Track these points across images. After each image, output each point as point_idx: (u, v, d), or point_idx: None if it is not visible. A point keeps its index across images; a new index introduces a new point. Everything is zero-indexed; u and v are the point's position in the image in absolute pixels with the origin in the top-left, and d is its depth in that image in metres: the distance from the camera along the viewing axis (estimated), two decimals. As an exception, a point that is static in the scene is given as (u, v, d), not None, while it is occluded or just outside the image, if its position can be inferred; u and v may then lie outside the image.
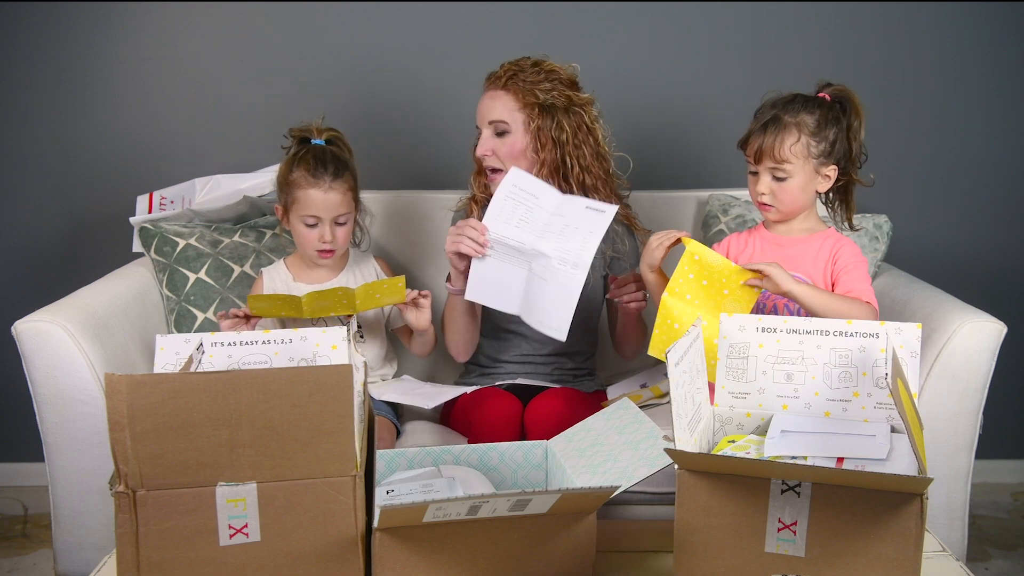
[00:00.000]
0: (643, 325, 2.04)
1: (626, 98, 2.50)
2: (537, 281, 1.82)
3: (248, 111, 2.51)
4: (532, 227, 1.81)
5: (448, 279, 1.95)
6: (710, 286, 1.66)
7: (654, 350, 1.68)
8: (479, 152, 1.97)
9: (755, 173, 1.73)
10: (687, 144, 2.52)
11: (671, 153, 2.53)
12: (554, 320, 1.81)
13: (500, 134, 1.95)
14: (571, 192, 1.95)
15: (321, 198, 1.94)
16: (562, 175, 1.96)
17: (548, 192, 1.84)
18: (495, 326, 2.06)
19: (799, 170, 1.68)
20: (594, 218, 1.78)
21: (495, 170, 1.97)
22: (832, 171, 1.71)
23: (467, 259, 1.85)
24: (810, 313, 1.64)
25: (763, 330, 1.51)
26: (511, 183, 1.84)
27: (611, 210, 1.78)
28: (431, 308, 1.97)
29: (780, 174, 1.69)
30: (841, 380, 1.48)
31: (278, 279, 2.04)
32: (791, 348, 1.50)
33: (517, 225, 1.81)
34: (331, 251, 1.99)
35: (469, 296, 1.88)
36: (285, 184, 1.98)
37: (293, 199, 1.96)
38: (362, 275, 2.08)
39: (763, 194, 1.72)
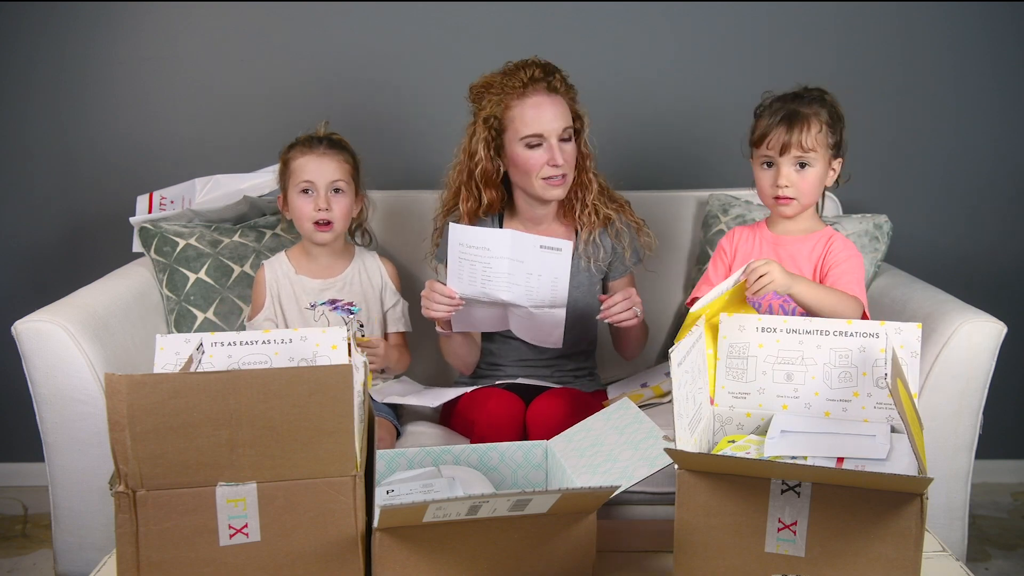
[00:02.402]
0: (644, 328, 2.03)
1: (626, 98, 2.50)
2: (519, 319, 1.88)
3: (248, 111, 2.51)
4: (496, 282, 1.79)
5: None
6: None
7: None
8: (560, 161, 1.88)
9: (770, 165, 1.73)
10: (687, 144, 2.52)
11: (671, 153, 2.53)
12: (547, 338, 1.91)
13: (567, 139, 1.91)
14: (573, 201, 1.97)
15: (315, 162, 1.95)
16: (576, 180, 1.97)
17: (496, 238, 1.77)
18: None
19: (819, 159, 1.71)
20: (553, 260, 1.78)
21: (563, 176, 1.91)
22: (838, 164, 1.75)
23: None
24: (804, 308, 1.64)
25: (763, 330, 1.51)
26: (456, 242, 1.77)
27: (567, 247, 1.78)
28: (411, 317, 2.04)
29: (805, 162, 1.71)
30: (841, 380, 1.48)
31: (280, 272, 2.03)
32: (791, 348, 1.50)
33: (482, 284, 1.80)
34: (328, 224, 1.97)
35: (458, 329, 1.91)
36: (283, 165, 2.00)
37: (290, 173, 1.97)
38: (367, 272, 2.07)
39: (786, 186, 1.71)
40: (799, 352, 1.50)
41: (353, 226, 2.10)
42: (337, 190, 1.97)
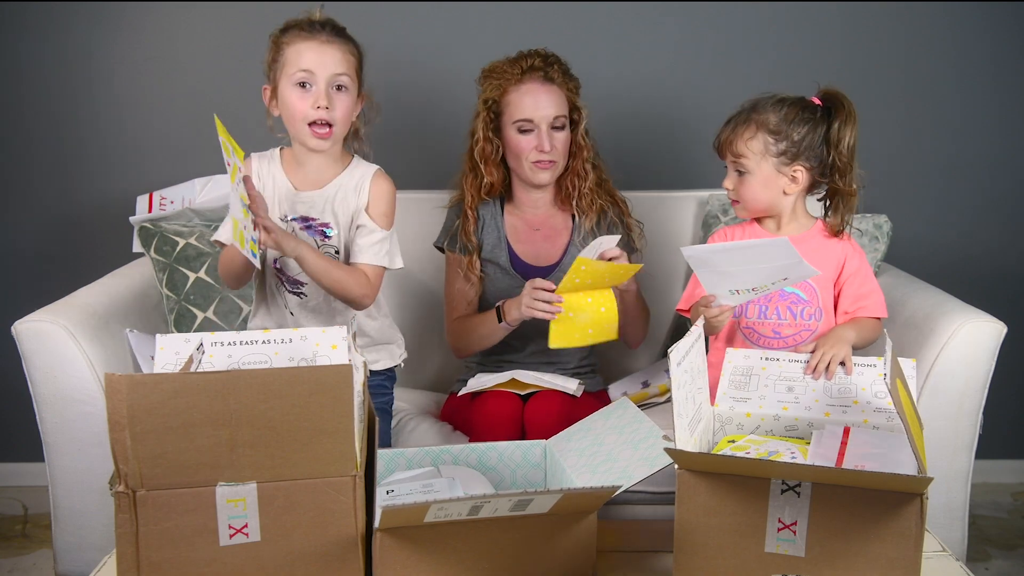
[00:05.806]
0: (644, 309, 2.04)
1: (626, 98, 2.50)
2: None
3: (248, 111, 2.50)
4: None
5: (502, 316, 1.91)
6: (594, 282, 1.77)
7: (554, 342, 1.79)
8: (546, 147, 1.94)
9: (727, 167, 1.75)
10: (687, 144, 2.52)
11: (672, 153, 2.53)
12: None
13: (560, 128, 1.97)
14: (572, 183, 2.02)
15: (316, 50, 1.66)
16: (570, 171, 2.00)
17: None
18: None
19: (756, 166, 1.68)
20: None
21: (551, 162, 1.97)
22: (798, 172, 1.67)
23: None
24: None
25: (767, 359, 1.59)
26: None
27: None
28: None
29: (740, 168, 1.70)
30: (841, 392, 1.53)
31: (272, 166, 1.78)
32: (793, 371, 1.57)
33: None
34: (328, 126, 1.68)
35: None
36: (274, 50, 1.70)
37: (284, 61, 1.68)
38: (354, 190, 1.77)
39: (727, 189, 1.74)
40: (799, 374, 1.57)
41: (350, 130, 1.79)
42: (340, 87, 1.69)
